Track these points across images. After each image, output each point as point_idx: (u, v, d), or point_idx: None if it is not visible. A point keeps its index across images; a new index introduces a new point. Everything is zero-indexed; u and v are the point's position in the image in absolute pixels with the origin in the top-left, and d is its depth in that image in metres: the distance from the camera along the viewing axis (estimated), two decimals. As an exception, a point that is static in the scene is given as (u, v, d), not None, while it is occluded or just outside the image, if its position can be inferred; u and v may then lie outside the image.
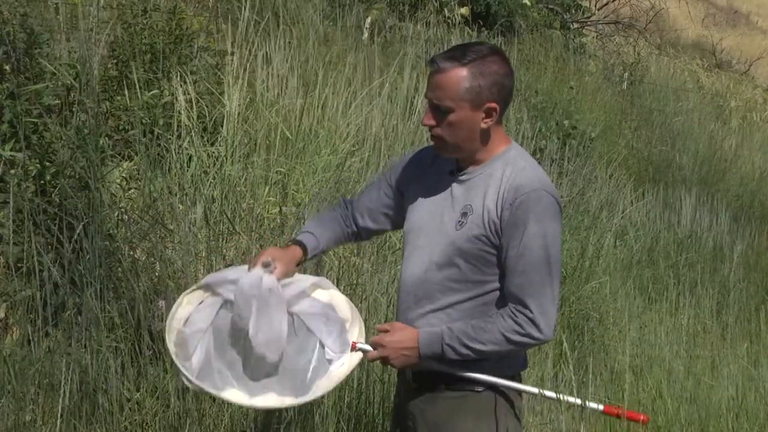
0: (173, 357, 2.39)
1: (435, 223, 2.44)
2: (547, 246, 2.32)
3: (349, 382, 3.61)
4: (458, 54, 2.36)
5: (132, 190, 3.99)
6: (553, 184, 2.42)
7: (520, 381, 2.53)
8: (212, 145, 4.40)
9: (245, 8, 5.20)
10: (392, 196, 2.61)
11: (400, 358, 2.40)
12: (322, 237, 2.60)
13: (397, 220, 2.62)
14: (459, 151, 2.42)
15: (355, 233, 2.67)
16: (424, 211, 2.49)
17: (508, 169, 2.38)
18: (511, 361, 2.46)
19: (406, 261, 2.50)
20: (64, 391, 3.01)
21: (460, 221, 2.39)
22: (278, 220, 4.14)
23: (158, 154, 4.07)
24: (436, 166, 2.52)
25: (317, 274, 3.01)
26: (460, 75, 2.33)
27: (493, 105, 2.36)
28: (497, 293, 2.39)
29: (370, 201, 2.65)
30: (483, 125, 2.38)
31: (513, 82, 2.42)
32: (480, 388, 2.43)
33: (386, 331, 2.43)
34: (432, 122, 2.39)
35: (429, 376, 2.46)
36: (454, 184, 2.45)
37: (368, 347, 2.43)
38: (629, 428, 4.44)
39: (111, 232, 3.53)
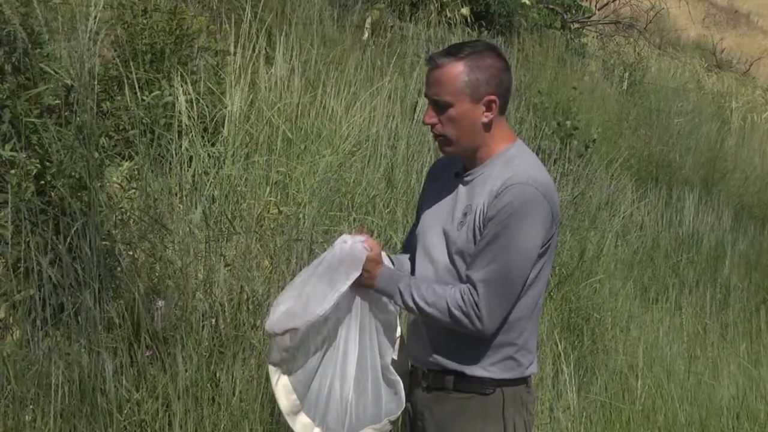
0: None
1: (442, 225, 2.46)
2: (517, 245, 2.31)
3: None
4: (454, 50, 2.40)
5: (132, 191, 3.99)
6: (548, 182, 2.41)
7: (529, 385, 2.52)
8: (213, 145, 4.40)
9: (247, 8, 5.19)
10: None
11: (364, 275, 2.43)
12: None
13: None
14: (462, 147, 2.43)
15: None
16: (433, 214, 2.51)
17: (505, 167, 2.39)
18: (520, 359, 2.45)
19: (418, 263, 2.52)
20: (64, 392, 3.01)
21: (461, 221, 2.40)
22: (278, 221, 4.14)
23: (158, 154, 4.07)
24: (446, 172, 2.55)
25: None
26: (458, 69, 2.36)
27: (493, 97, 2.38)
28: None
29: (410, 236, 2.67)
30: (484, 119, 2.40)
31: (511, 77, 2.45)
32: (489, 390, 2.43)
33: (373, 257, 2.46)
34: (434, 120, 2.40)
35: (438, 375, 2.46)
36: (460, 186, 2.47)
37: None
38: (629, 428, 4.45)
39: (110, 231, 3.52)
